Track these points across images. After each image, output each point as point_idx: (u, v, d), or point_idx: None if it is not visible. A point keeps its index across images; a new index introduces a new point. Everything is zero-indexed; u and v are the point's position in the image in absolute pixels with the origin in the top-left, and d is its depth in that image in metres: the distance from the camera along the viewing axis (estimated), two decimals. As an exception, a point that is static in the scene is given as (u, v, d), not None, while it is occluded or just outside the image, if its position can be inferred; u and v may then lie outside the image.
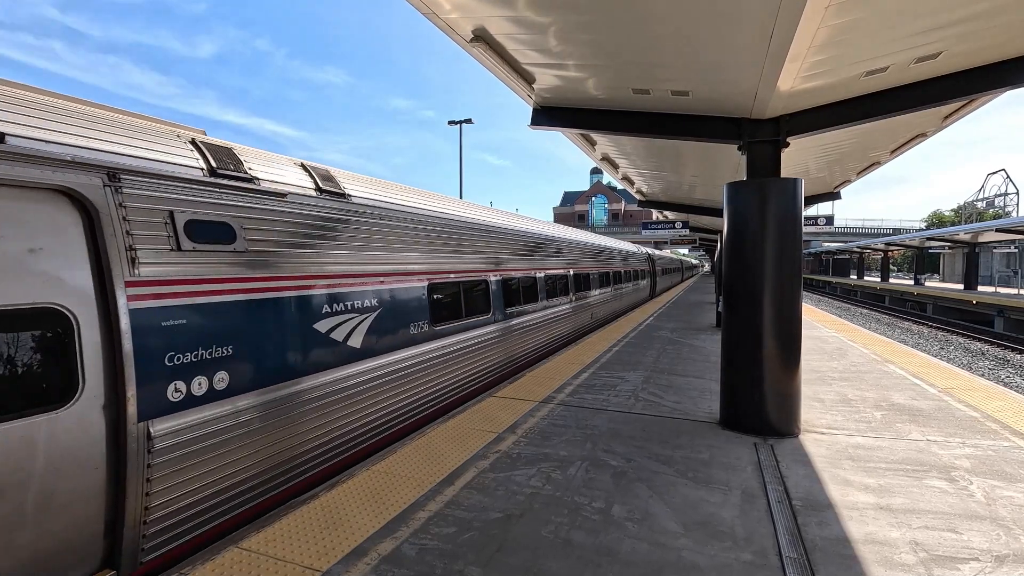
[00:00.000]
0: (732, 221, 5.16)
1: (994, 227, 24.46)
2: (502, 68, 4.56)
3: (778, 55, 3.77)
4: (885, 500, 3.64)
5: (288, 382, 3.98)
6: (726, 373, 5.28)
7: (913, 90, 4.77)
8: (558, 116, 5.83)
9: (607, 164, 9.33)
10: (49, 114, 2.92)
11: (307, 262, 4.27)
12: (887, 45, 3.91)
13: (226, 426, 3.48)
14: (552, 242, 11.32)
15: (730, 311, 5.21)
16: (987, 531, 3.21)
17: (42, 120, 2.86)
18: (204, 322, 3.38)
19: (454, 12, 3.69)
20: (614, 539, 3.16)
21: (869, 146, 7.82)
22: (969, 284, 31.44)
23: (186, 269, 3.33)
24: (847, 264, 61.37)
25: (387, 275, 5.25)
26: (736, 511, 3.50)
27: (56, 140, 2.82)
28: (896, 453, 4.50)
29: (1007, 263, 38.06)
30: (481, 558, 2.96)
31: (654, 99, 5.25)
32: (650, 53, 4.17)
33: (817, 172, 9.80)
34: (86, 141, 2.97)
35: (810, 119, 5.18)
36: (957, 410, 5.72)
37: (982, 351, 18.61)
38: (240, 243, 3.71)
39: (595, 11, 3.51)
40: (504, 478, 4.02)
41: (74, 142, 2.90)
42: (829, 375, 7.54)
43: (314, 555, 2.99)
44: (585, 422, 5.39)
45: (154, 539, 3.07)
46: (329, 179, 4.89)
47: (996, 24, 3.68)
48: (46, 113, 2.92)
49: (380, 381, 5.00)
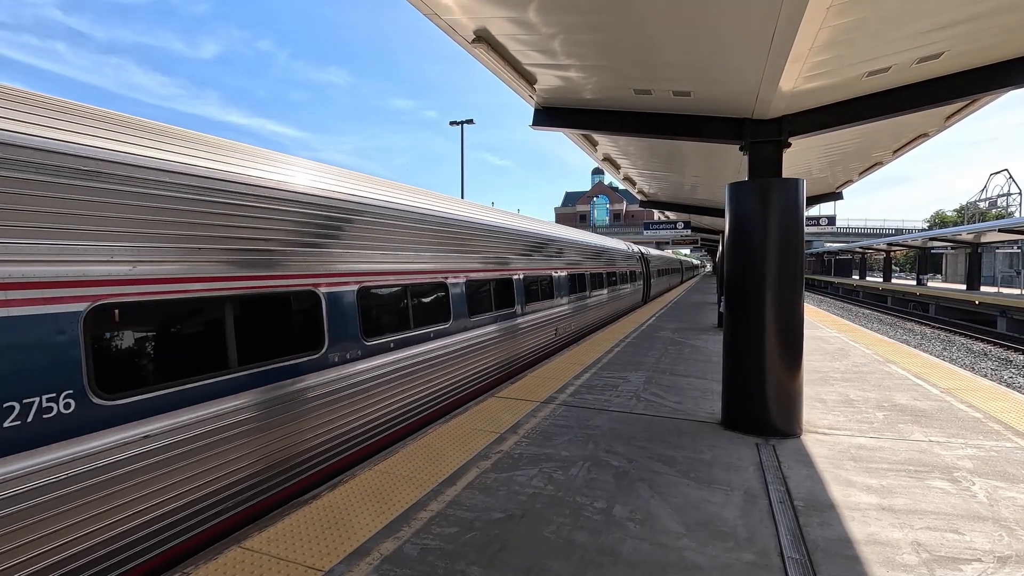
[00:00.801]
0: (734, 221, 5.16)
1: (997, 227, 24.39)
2: (504, 69, 4.56)
3: (780, 55, 3.77)
4: (887, 501, 3.64)
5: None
6: (728, 373, 5.28)
7: (915, 90, 4.76)
8: (560, 116, 5.83)
9: (609, 164, 9.33)
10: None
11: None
12: (889, 45, 3.91)
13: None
14: (480, 231, 7.50)
15: (732, 311, 5.21)
16: (989, 532, 3.20)
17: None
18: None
19: (456, 13, 3.70)
20: (616, 539, 3.16)
21: (871, 146, 7.81)
22: (972, 284, 31.34)
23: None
24: (849, 264, 61.24)
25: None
26: (738, 511, 3.50)
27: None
28: (898, 454, 4.49)
29: (1010, 263, 37.94)
30: (483, 558, 2.96)
31: (656, 99, 5.25)
32: (651, 54, 4.17)
33: (819, 172, 9.79)
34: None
35: (812, 119, 5.17)
36: (960, 411, 5.70)
37: (985, 352, 18.56)
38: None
39: (597, 12, 3.51)
40: (506, 478, 4.03)
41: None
42: (831, 376, 7.53)
43: (316, 555, 3.00)
44: (587, 422, 5.39)
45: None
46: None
47: (998, 24, 3.68)
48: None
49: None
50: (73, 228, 2.82)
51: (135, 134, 3.30)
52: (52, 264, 2.72)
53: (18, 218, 2.60)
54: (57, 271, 2.75)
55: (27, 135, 2.68)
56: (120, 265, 3.04)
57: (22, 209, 2.61)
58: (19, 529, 2.48)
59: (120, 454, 2.90)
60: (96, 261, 2.92)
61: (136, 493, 2.98)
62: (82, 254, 2.86)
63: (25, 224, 2.62)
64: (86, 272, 2.87)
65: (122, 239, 3.05)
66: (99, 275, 2.93)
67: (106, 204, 2.98)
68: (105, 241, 2.97)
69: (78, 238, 2.84)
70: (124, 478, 2.92)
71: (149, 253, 3.19)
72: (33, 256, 2.65)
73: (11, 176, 2.58)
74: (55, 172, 2.75)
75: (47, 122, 2.84)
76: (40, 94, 3.00)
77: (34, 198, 2.66)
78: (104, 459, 2.83)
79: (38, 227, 2.67)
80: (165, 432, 3.14)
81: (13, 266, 2.56)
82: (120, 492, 2.90)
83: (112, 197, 3.01)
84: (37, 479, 2.55)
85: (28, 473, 2.51)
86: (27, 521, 2.50)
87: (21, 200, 2.61)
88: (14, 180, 2.59)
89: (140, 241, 3.14)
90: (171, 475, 3.16)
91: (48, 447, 2.61)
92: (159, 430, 3.11)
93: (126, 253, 3.07)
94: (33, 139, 2.70)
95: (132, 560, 2.99)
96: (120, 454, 2.90)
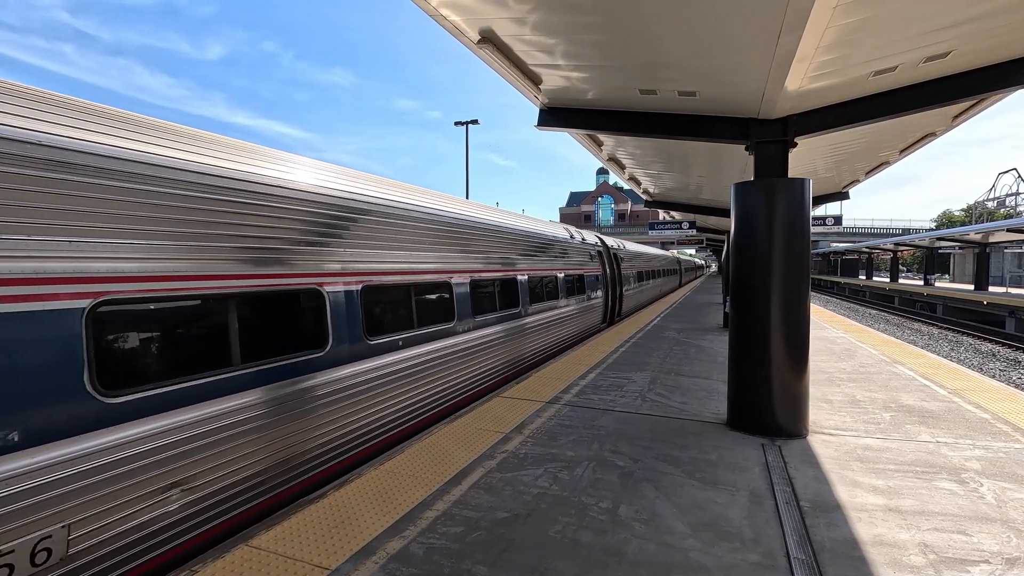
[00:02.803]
0: (739, 221, 5.15)
1: (1005, 227, 24.25)
2: (509, 69, 4.58)
3: (786, 55, 3.76)
4: (894, 502, 3.62)
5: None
6: (733, 374, 5.27)
7: (922, 89, 4.74)
8: (565, 117, 5.84)
9: (613, 164, 9.32)
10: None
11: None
12: (896, 45, 3.89)
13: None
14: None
15: (737, 312, 5.20)
16: (997, 533, 3.18)
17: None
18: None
19: (461, 14, 3.71)
20: (621, 539, 3.16)
21: (878, 146, 7.77)
22: (980, 284, 31.11)
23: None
24: (856, 264, 60.93)
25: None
26: (744, 512, 3.49)
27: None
28: (905, 455, 4.47)
29: (1018, 263, 37.67)
30: (488, 557, 2.97)
31: (661, 100, 5.25)
32: (657, 54, 4.17)
33: (825, 172, 9.75)
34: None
35: (818, 119, 5.16)
36: (967, 412, 5.67)
37: (993, 352, 18.42)
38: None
39: (602, 12, 3.52)
40: (511, 478, 4.03)
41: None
42: (837, 376, 7.49)
43: (323, 553, 3.02)
44: (592, 423, 5.39)
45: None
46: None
47: (1006, 23, 3.66)
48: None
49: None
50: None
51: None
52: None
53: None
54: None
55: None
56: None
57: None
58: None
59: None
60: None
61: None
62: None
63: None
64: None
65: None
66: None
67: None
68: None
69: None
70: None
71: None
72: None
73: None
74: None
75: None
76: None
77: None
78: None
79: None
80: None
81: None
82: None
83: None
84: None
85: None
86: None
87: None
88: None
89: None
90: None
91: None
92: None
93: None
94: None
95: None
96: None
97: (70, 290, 2.76)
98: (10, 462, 2.46)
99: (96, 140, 3.01)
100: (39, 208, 2.68)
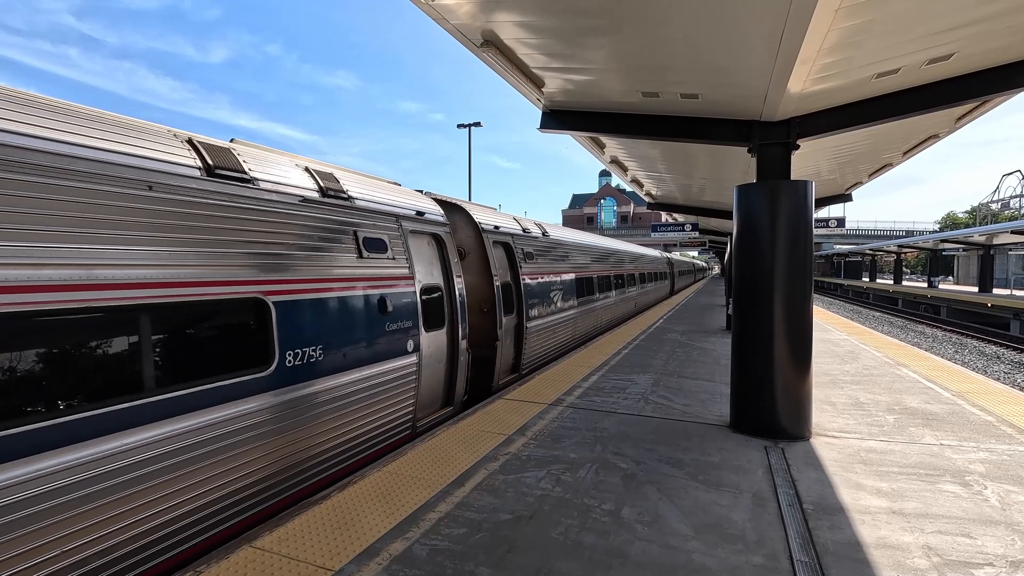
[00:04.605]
0: (742, 223, 5.15)
1: (1009, 229, 24.12)
2: (511, 73, 4.59)
3: (788, 58, 3.77)
4: (898, 504, 3.62)
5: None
6: (736, 376, 5.27)
7: (925, 91, 4.74)
8: (567, 119, 5.85)
9: (616, 167, 9.33)
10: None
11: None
12: (899, 47, 3.90)
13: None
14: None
15: (740, 314, 5.20)
16: (1002, 536, 3.17)
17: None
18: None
19: (464, 17, 3.73)
20: (624, 541, 3.16)
21: (881, 148, 7.76)
22: (984, 287, 30.97)
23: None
24: (859, 266, 60.70)
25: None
26: (747, 514, 3.49)
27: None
28: (909, 457, 4.46)
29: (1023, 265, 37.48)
30: (491, 559, 2.98)
31: (663, 102, 5.26)
32: (659, 56, 4.18)
33: (828, 174, 9.74)
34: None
35: (821, 121, 5.16)
36: (971, 414, 5.65)
37: (997, 355, 18.32)
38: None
39: (604, 15, 3.53)
40: (514, 480, 4.04)
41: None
42: (841, 378, 7.48)
43: (327, 554, 3.03)
44: (595, 425, 5.39)
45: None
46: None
47: (1009, 25, 3.66)
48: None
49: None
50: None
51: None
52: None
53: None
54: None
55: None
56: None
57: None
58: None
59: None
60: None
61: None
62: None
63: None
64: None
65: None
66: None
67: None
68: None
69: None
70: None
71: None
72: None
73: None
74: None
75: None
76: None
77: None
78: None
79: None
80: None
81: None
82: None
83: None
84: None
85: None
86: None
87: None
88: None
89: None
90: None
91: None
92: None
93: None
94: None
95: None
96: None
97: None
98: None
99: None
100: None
